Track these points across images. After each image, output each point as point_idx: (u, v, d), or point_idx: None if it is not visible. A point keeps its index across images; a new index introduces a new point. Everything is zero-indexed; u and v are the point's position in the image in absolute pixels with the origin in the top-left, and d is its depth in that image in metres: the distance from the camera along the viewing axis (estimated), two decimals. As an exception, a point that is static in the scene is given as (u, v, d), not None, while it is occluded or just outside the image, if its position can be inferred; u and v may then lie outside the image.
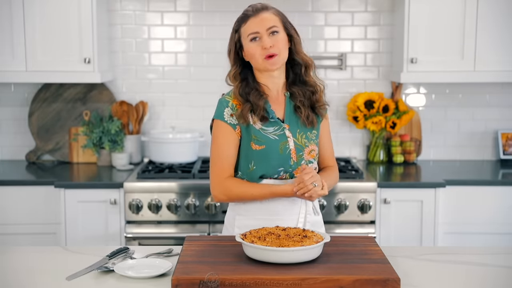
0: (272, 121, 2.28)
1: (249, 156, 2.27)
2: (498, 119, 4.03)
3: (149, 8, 3.95)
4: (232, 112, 2.27)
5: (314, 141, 2.33)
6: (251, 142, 2.26)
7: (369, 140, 4.05)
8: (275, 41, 2.24)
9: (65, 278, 1.93)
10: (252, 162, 2.27)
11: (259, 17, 2.25)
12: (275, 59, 2.24)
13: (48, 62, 3.60)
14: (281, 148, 2.27)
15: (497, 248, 2.36)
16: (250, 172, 2.28)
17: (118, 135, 3.85)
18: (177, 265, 1.91)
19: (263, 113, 2.26)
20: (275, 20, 2.26)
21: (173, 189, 3.36)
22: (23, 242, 3.38)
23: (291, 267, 1.88)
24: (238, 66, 2.30)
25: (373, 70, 4.01)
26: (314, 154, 2.33)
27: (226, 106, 2.28)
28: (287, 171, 2.28)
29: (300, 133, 2.30)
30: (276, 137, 2.27)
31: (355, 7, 3.95)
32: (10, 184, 3.44)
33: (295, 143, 2.28)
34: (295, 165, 2.28)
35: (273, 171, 2.28)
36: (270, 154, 2.26)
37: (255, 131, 2.27)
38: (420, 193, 3.41)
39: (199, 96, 4.00)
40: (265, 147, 2.26)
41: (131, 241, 3.35)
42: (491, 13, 3.58)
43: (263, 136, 2.26)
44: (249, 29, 2.25)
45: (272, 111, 2.29)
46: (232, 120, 2.27)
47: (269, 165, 2.27)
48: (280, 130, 2.28)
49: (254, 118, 2.27)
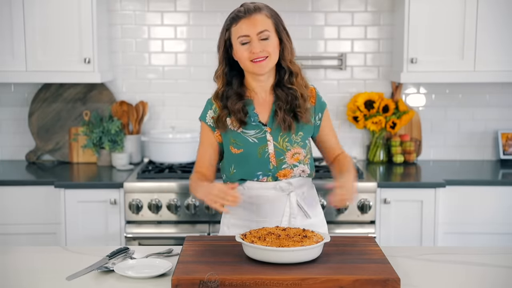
0: (253, 124, 2.27)
1: (230, 160, 2.30)
2: (498, 119, 4.03)
3: (149, 8, 3.95)
4: (213, 115, 2.30)
5: (299, 144, 2.29)
6: (230, 146, 2.28)
7: (369, 140, 4.05)
8: (265, 46, 2.20)
9: (65, 278, 1.93)
10: (232, 166, 2.29)
11: (251, 20, 2.20)
12: (263, 64, 2.21)
13: (48, 62, 3.60)
14: (260, 152, 2.26)
15: (497, 248, 2.36)
16: (231, 176, 2.30)
17: (118, 135, 3.85)
18: (177, 265, 1.91)
19: (240, 117, 2.25)
20: (267, 24, 2.21)
21: (173, 189, 3.36)
22: (23, 242, 3.38)
23: (291, 267, 1.88)
24: (225, 65, 2.27)
25: (373, 70, 4.01)
26: (299, 157, 2.29)
27: (209, 108, 2.32)
28: (266, 175, 2.28)
29: (282, 137, 2.27)
30: (256, 140, 2.26)
31: (355, 7, 3.95)
32: (10, 184, 3.44)
33: (275, 147, 2.27)
34: (274, 169, 2.27)
35: (252, 175, 2.28)
36: (248, 158, 2.26)
37: (234, 135, 2.27)
38: (420, 193, 3.41)
39: (199, 96, 3.96)
40: (243, 151, 2.26)
41: (131, 241, 3.35)
42: (491, 13, 3.58)
43: (242, 139, 2.27)
44: (240, 31, 2.21)
45: (255, 114, 2.28)
46: (212, 122, 2.30)
47: (247, 168, 2.28)
48: (261, 133, 2.27)
49: (233, 122, 2.26)
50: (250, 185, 2.29)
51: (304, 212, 2.33)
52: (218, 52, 2.29)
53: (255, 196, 2.29)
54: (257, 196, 2.29)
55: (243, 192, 2.29)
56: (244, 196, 2.28)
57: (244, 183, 2.29)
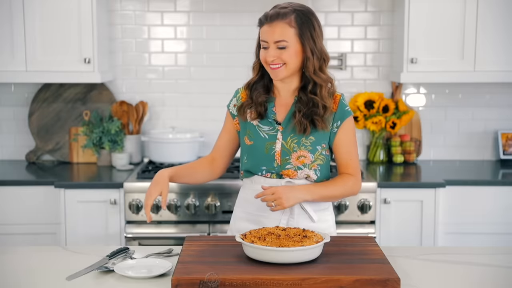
0: (269, 121, 2.30)
1: (244, 150, 2.37)
2: (498, 119, 4.03)
3: (149, 8, 3.95)
4: (236, 103, 2.37)
5: (307, 148, 2.27)
6: (245, 136, 2.34)
7: (369, 140, 4.05)
8: (280, 54, 2.19)
9: (65, 278, 1.93)
10: (246, 156, 2.35)
11: (271, 27, 2.18)
12: (278, 71, 2.22)
13: (48, 62, 3.60)
14: (267, 148, 2.29)
15: (497, 248, 2.36)
16: (244, 165, 2.36)
17: (118, 135, 3.85)
18: (177, 265, 1.91)
19: (260, 110, 2.30)
20: (287, 33, 2.18)
21: (173, 189, 3.36)
22: (23, 242, 3.38)
23: (291, 267, 1.89)
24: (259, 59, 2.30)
25: (373, 70, 4.01)
26: (304, 160, 2.27)
27: (235, 96, 2.41)
28: (270, 171, 2.30)
29: (292, 138, 2.27)
30: (267, 136, 2.30)
31: (355, 7, 3.95)
32: (10, 184, 3.44)
33: (282, 146, 2.28)
34: (278, 167, 2.29)
35: (256, 169, 2.31)
36: (255, 151, 2.31)
37: (250, 126, 2.33)
38: (420, 193, 3.41)
39: (199, 96, 4.00)
40: (253, 143, 2.31)
41: (131, 241, 3.35)
42: (491, 13, 3.58)
43: (255, 132, 2.31)
44: (261, 35, 2.24)
45: (273, 112, 2.31)
46: (234, 110, 2.38)
47: (254, 161, 2.32)
48: (273, 131, 2.30)
49: (252, 113, 2.31)
50: (256, 180, 2.33)
51: (308, 215, 2.30)
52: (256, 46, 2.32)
53: (258, 190, 2.29)
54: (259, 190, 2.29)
55: (250, 185, 2.35)
56: (250, 189, 2.34)
57: (252, 176, 2.33)
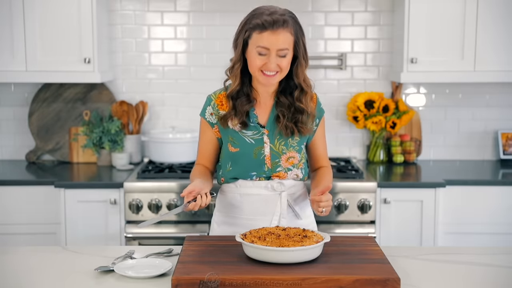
0: (252, 125, 2.28)
1: (227, 157, 2.31)
2: (498, 119, 4.03)
3: (149, 8, 3.95)
4: (212, 111, 2.31)
5: (294, 148, 2.29)
6: (228, 144, 2.30)
7: (369, 140, 4.05)
8: (280, 62, 2.16)
9: (137, 226, 1.97)
10: (229, 163, 2.31)
11: (275, 35, 2.12)
12: (272, 78, 2.19)
13: (48, 62, 3.60)
14: (255, 153, 2.27)
15: (497, 248, 2.36)
16: (227, 172, 2.32)
17: (118, 135, 3.85)
18: (177, 265, 1.91)
19: (244, 119, 2.25)
20: (289, 41, 2.16)
21: (173, 189, 3.36)
22: (23, 242, 3.38)
23: (291, 267, 1.88)
24: (241, 64, 2.22)
25: (373, 70, 4.01)
26: (293, 161, 2.30)
27: (208, 104, 2.33)
28: (260, 176, 2.29)
29: (279, 140, 2.28)
30: (253, 141, 2.27)
31: (355, 7, 3.95)
32: (10, 184, 3.44)
33: (271, 150, 2.27)
34: (269, 171, 2.29)
35: (246, 175, 2.29)
36: (243, 157, 2.28)
37: (232, 133, 2.28)
38: (420, 193, 3.41)
39: (199, 96, 3.96)
40: (239, 150, 2.28)
41: (131, 241, 3.35)
42: (491, 13, 3.58)
43: (239, 138, 2.27)
44: (261, 42, 2.14)
45: (254, 115, 2.28)
46: (211, 118, 2.32)
47: (242, 168, 2.29)
48: (258, 135, 2.28)
49: (234, 121, 2.26)
50: (242, 183, 2.30)
51: (295, 213, 2.34)
52: (235, 49, 2.23)
53: (246, 194, 2.30)
54: (248, 194, 2.30)
55: (235, 189, 2.31)
56: (236, 194, 2.31)
57: (236, 181, 2.31)
